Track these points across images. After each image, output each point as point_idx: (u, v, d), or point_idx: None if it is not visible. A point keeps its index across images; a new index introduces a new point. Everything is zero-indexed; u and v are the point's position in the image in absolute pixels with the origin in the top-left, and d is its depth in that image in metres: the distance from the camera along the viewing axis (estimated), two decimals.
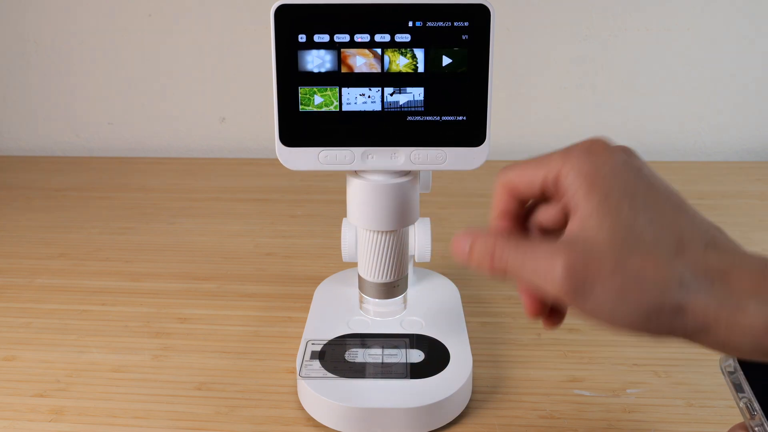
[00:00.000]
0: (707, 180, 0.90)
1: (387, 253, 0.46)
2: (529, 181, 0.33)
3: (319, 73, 0.40)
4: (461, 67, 0.40)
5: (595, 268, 0.28)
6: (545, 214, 0.34)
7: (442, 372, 0.45)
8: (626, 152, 0.31)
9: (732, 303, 0.27)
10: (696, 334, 0.28)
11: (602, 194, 0.29)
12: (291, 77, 0.40)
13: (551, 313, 0.34)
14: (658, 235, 0.28)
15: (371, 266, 0.47)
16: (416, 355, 0.47)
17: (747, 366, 0.32)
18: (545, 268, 0.28)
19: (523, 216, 0.35)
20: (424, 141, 0.41)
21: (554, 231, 0.33)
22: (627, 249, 0.28)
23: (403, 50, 0.40)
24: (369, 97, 0.41)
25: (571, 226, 0.29)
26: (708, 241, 0.28)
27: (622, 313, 0.28)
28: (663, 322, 0.28)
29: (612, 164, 0.30)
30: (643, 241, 0.28)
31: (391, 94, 0.41)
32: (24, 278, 0.65)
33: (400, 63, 0.40)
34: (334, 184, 0.90)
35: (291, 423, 0.45)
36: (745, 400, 0.32)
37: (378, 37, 0.40)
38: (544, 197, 0.33)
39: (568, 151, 0.31)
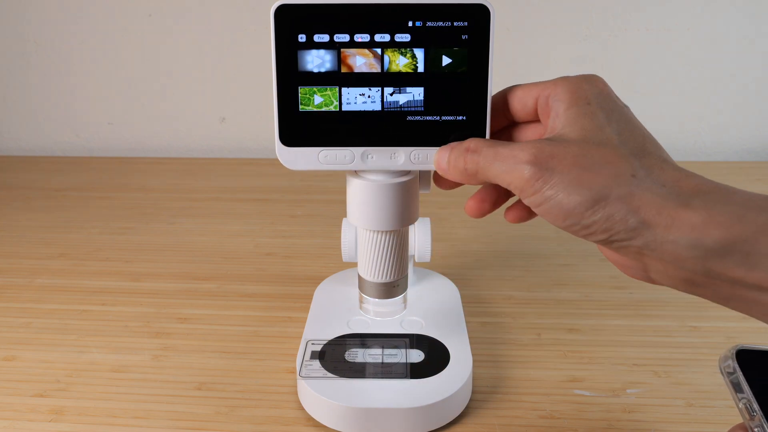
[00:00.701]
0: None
1: (387, 253, 0.46)
2: (522, 99, 0.36)
3: (319, 73, 0.40)
4: (461, 67, 0.40)
5: (559, 157, 0.30)
6: (529, 132, 0.37)
7: (442, 372, 0.45)
8: (609, 89, 0.35)
9: (677, 200, 0.29)
10: (636, 232, 0.29)
11: (583, 103, 0.32)
12: (291, 77, 0.40)
13: (512, 208, 0.38)
14: (624, 140, 0.31)
15: (371, 266, 0.47)
16: (416, 355, 0.47)
17: (746, 366, 0.32)
18: (513, 160, 0.31)
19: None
20: (424, 141, 0.41)
21: None
22: (593, 143, 0.31)
23: (403, 50, 0.40)
24: (369, 97, 0.41)
25: (549, 131, 0.33)
26: (666, 158, 0.32)
27: (570, 201, 0.30)
28: (609, 212, 0.29)
29: (599, 88, 0.33)
30: (608, 141, 0.31)
31: (391, 94, 0.41)
32: (24, 278, 0.65)
33: (400, 63, 0.40)
34: (334, 184, 0.90)
35: (291, 423, 0.45)
36: (744, 400, 0.32)
37: (378, 37, 0.40)
38: (530, 118, 0.37)
39: (561, 77, 0.34)
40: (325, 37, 0.40)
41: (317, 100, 0.41)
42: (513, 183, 0.31)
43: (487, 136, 0.41)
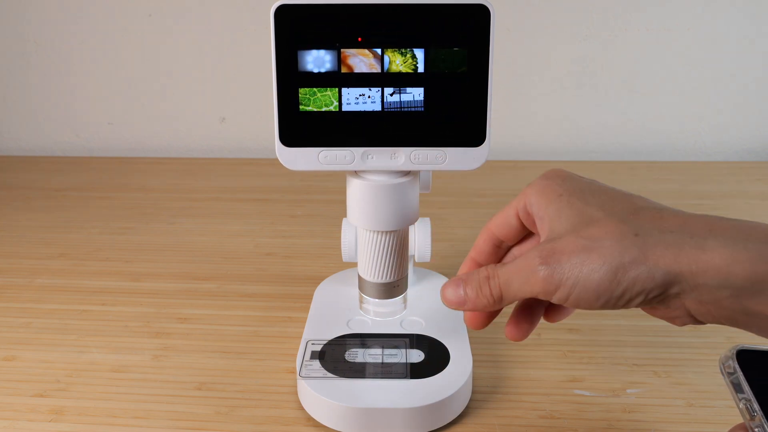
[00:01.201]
0: (707, 180, 0.90)
1: (387, 253, 0.46)
2: (505, 221, 0.37)
3: (319, 73, 0.41)
4: (461, 67, 0.40)
5: (560, 249, 0.31)
6: (528, 245, 0.38)
7: (442, 372, 0.45)
8: (572, 174, 0.36)
9: (692, 244, 0.29)
10: (667, 283, 0.29)
11: (555, 197, 0.33)
12: (291, 77, 0.40)
13: (547, 311, 0.39)
14: (610, 210, 0.32)
15: (371, 266, 0.47)
16: (416, 355, 0.47)
17: (747, 366, 0.32)
18: (526, 264, 0.32)
19: (500, 257, 0.40)
20: (424, 141, 0.41)
21: None
22: (583, 225, 0.31)
23: (403, 50, 0.40)
24: (369, 97, 0.41)
25: (543, 235, 0.34)
26: (660, 207, 0.32)
27: (592, 281, 0.30)
28: (630, 277, 0.29)
29: (561, 177, 0.35)
30: (597, 217, 0.31)
31: (391, 94, 0.41)
32: (24, 278, 0.65)
33: (399, 63, 0.40)
34: (334, 184, 0.90)
35: (291, 423, 0.45)
36: (744, 401, 0.32)
37: (378, 38, 0.40)
38: (523, 234, 0.38)
39: (526, 186, 0.36)
40: (325, 38, 0.40)
41: (317, 100, 0.41)
42: (535, 289, 0.32)
43: (487, 137, 0.41)
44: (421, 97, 0.41)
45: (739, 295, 0.28)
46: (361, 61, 0.40)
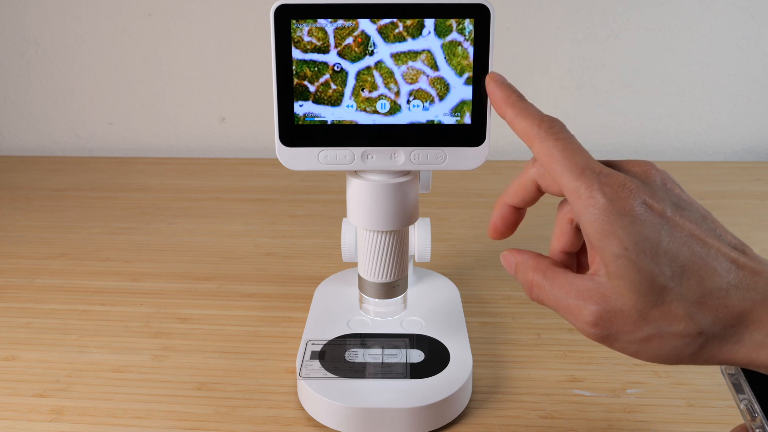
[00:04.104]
0: (707, 180, 0.90)
1: (387, 253, 0.46)
2: (525, 197, 0.36)
3: None
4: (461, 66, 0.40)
5: (620, 321, 0.29)
6: (563, 236, 0.35)
7: (442, 372, 0.45)
8: (647, 183, 0.31)
9: (750, 343, 0.28)
10: (716, 363, 0.30)
11: (621, 246, 0.29)
12: (291, 77, 0.40)
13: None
14: (679, 289, 0.29)
15: (371, 266, 0.47)
16: (416, 355, 0.47)
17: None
18: (576, 312, 0.31)
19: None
20: (424, 141, 0.41)
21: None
22: (649, 304, 0.29)
23: None
24: None
25: (595, 268, 0.31)
26: (731, 280, 0.29)
27: (645, 355, 0.30)
28: (684, 362, 0.30)
29: (632, 213, 0.29)
30: (664, 297, 0.29)
31: None
32: (24, 278, 0.65)
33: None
34: (334, 184, 0.90)
35: (291, 423, 0.45)
36: (745, 401, 0.32)
37: (378, 37, 0.40)
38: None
39: (577, 197, 0.30)
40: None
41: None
42: (579, 331, 0.31)
43: (487, 137, 0.41)
44: None
45: None
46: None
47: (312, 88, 0.40)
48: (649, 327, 0.29)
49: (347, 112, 0.41)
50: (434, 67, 0.40)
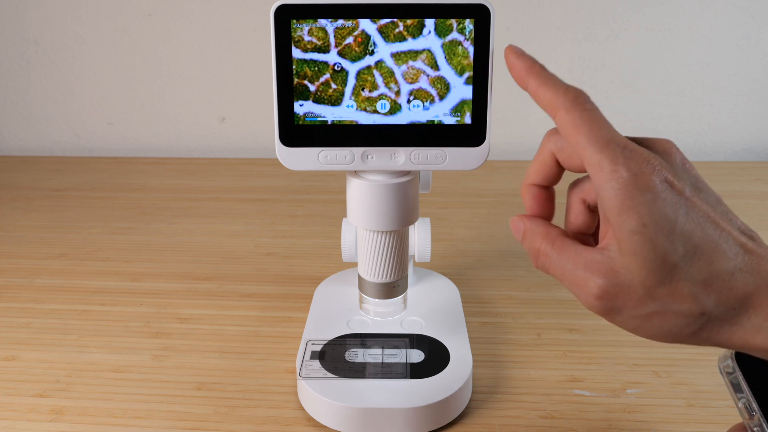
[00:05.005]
0: (707, 180, 0.90)
1: (387, 253, 0.46)
2: (545, 174, 0.35)
3: None
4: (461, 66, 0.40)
5: (625, 295, 0.29)
6: (578, 217, 0.35)
7: (442, 372, 0.45)
8: (668, 161, 0.31)
9: (748, 326, 0.29)
10: (712, 344, 0.30)
11: (639, 222, 0.29)
12: (291, 77, 0.40)
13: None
14: (689, 269, 0.29)
15: (371, 266, 0.47)
16: (416, 355, 0.47)
17: (745, 366, 0.32)
18: (582, 284, 0.30)
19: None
20: (424, 141, 0.41)
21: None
22: (658, 281, 0.29)
23: None
24: None
25: (606, 242, 0.30)
26: (738, 263, 0.29)
27: (645, 331, 0.30)
28: (681, 341, 0.30)
29: (654, 189, 0.29)
30: (673, 275, 0.29)
31: None
32: (24, 278, 0.65)
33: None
34: (334, 184, 0.90)
35: (291, 423, 0.45)
36: (743, 400, 0.32)
37: (378, 37, 0.40)
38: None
39: (606, 158, 0.30)
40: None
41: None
42: (582, 301, 0.31)
43: (487, 137, 0.41)
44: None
45: None
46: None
47: (312, 88, 0.40)
48: (654, 304, 0.29)
49: (347, 112, 0.41)
50: (434, 66, 0.40)
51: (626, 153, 0.29)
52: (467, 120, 0.41)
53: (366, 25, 0.39)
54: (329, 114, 0.41)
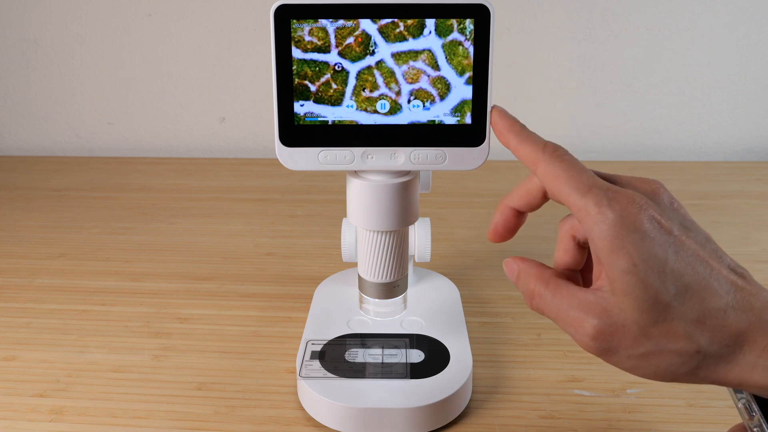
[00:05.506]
0: (707, 180, 0.90)
1: (387, 253, 0.46)
2: (528, 202, 0.35)
3: None
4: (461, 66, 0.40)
5: (620, 335, 0.30)
6: (567, 253, 0.35)
7: (442, 372, 0.45)
8: (655, 201, 0.31)
9: (744, 363, 0.29)
10: (710, 382, 0.30)
11: (630, 262, 0.29)
12: (291, 77, 0.40)
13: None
14: (681, 308, 0.29)
15: (371, 266, 0.47)
16: (416, 355, 0.47)
17: None
18: (577, 324, 0.31)
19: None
20: (424, 141, 0.41)
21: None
22: (652, 321, 0.29)
23: None
24: None
25: (600, 283, 0.31)
26: (729, 301, 0.30)
27: (642, 371, 0.30)
28: (680, 380, 0.30)
29: (642, 229, 0.29)
30: (666, 315, 0.29)
31: None
32: (24, 278, 0.65)
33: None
34: (334, 184, 0.90)
35: (291, 423, 0.45)
36: (743, 400, 0.32)
37: (378, 37, 0.40)
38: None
39: (587, 213, 0.30)
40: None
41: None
42: (578, 342, 0.31)
43: (487, 137, 0.41)
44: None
45: None
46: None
47: (313, 88, 0.40)
48: (649, 343, 0.29)
49: (347, 112, 0.41)
50: (435, 66, 0.40)
51: (609, 195, 0.30)
52: (467, 120, 0.41)
53: (366, 25, 0.39)
54: (330, 114, 0.41)
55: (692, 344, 0.29)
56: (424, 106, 0.41)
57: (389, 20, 0.39)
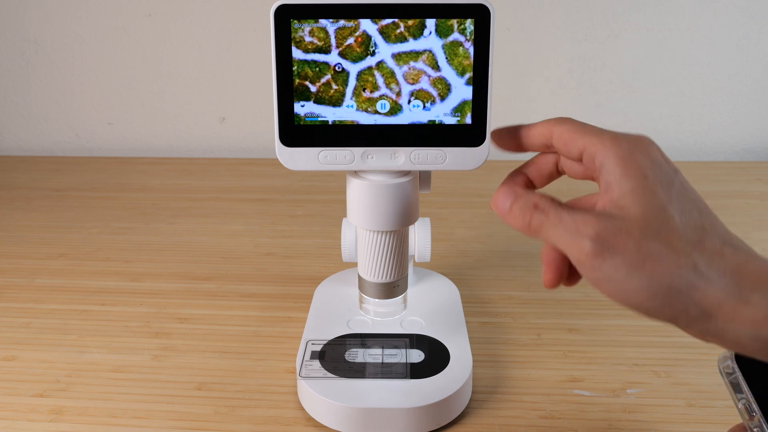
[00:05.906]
0: (707, 180, 0.90)
1: (387, 253, 0.46)
2: (567, 144, 0.36)
3: None
4: (461, 66, 0.40)
5: (621, 238, 0.30)
6: (571, 169, 0.37)
7: (442, 372, 0.45)
8: (663, 155, 0.34)
9: (738, 293, 0.29)
10: (697, 320, 0.29)
11: (640, 177, 0.31)
12: (291, 77, 0.40)
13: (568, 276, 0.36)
14: (685, 224, 0.30)
15: (371, 266, 0.47)
16: (416, 355, 0.47)
17: (745, 367, 0.32)
18: (577, 228, 0.31)
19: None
20: (424, 141, 0.41)
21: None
22: (654, 229, 0.30)
23: None
24: None
25: (604, 202, 0.32)
26: (725, 238, 0.31)
27: (633, 285, 0.29)
28: (670, 301, 0.29)
29: (652, 157, 0.32)
30: (670, 226, 0.30)
31: None
32: (24, 278, 0.65)
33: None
34: (334, 184, 0.90)
35: (291, 423, 0.45)
36: (743, 401, 0.32)
37: (378, 37, 0.40)
38: (577, 159, 0.36)
39: (608, 135, 0.33)
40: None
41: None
42: (572, 254, 0.31)
43: (487, 138, 0.41)
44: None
45: (766, 347, 0.28)
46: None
47: (313, 88, 0.40)
48: (651, 245, 0.29)
49: (348, 113, 0.41)
50: (435, 67, 0.40)
51: (622, 133, 0.33)
52: (467, 120, 0.41)
53: (367, 25, 0.39)
54: (330, 114, 0.41)
55: (690, 261, 0.29)
56: (424, 106, 0.41)
57: (390, 21, 0.39)
